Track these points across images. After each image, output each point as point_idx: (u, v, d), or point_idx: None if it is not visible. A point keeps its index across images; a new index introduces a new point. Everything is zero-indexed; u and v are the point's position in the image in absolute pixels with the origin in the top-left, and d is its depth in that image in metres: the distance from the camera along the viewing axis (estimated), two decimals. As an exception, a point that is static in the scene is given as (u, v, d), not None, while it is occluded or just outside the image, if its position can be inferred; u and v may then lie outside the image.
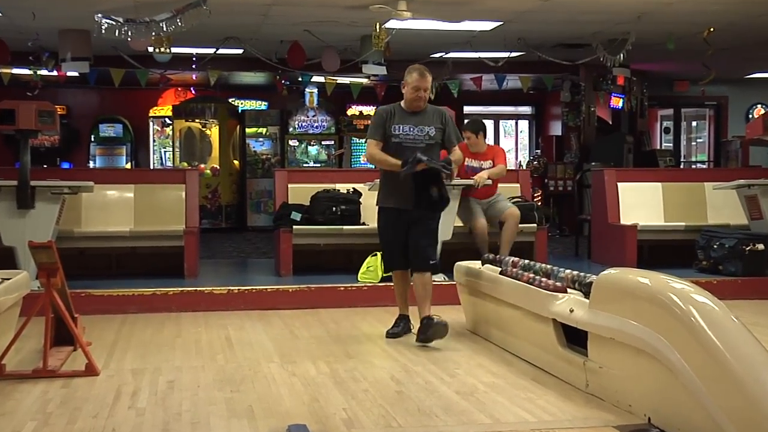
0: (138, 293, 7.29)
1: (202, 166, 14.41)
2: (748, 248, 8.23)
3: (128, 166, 15.68)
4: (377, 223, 6.02)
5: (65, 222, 7.92)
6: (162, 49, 9.88)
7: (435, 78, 13.08)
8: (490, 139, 17.84)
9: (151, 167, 15.80)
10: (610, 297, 4.28)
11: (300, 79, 13.13)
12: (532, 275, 5.38)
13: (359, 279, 7.94)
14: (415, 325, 5.94)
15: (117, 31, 8.46)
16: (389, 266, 6.06)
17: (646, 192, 9.56)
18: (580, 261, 10.01)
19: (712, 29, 10.11)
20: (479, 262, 6.30)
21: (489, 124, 17.68)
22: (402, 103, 5.86)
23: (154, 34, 8.49)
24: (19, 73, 12.05)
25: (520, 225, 8.59)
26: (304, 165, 14.86)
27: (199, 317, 6.99)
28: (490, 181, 8.19)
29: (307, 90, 14.89)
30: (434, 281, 6.17)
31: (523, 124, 18.03)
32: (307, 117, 15.08)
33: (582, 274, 5.05)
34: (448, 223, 7.87)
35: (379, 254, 7.98)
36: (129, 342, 6.01)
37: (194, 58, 11.95)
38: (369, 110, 15.62)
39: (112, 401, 4.43)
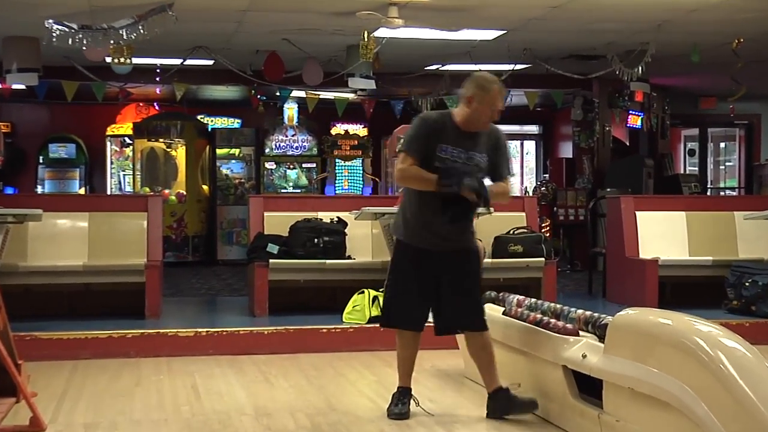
0: (92, 336, 7.25)
1: (167, 191, 14.40)
2: (783, 286, 8.26)
3: (82, 191, 15.65)
4: (392, 260, 5.32)
5: (9, 255, 7.87)
6: (121, 60, 9.90)
7: (430, 93, 13.33)
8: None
9: (108, 193, 15.77)
10: (628, 341, 4.28)
11: (278, 93, 13.18)
12: (539, 316, 5.38)
13: (344, 320, 7.91)
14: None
15: (70, 39, 8.48)
16: (396, 322, 5.23)
17: (668, 222, 9.59)
18: (594, 300, 10.02)
19: (741, 39, 10.20)
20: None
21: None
22: (457, 116, 5.09)
23: (112, 42, 8.51)
24: (-42, 87, 12.08)
25: (525, 260, 8.62)
26: (282, 191, 14.86)
27: (162, 363, 6.95)
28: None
29: (285, 106, 14.94)
30: (429, 322, 6.18)
31: (529, 146, 18.12)
32: (286, 136, 15.11)
33: (596, 314, 5.05)
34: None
35: (367, 292, 7.97)
36: (81, 392, 5.96)
37: (158, 70, 11.99)
38: (355, 129, 15.68)
39: (60, 460, 4.40)
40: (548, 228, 13.88)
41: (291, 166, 15.12)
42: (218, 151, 15.00)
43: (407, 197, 5.19)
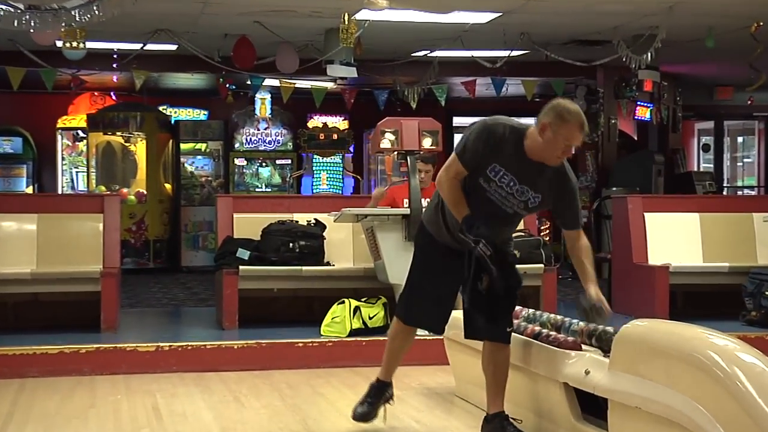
0: (41, 352, 7.21)
1: (125, 190, 14.37)
2: (807, 295, 8.31)
3: (29, 190, 15.59)
4: (415, 249, 5.23)
5: (-51, 261, 7.85)
6: (74, 44, 9.87)
7: (417, 82, 13.35)
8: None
9: (60, 192, 15.71)
10: (636, 356, 4.29)
11: (249, 82, 13.16)
12: (537, 328, 5.39)
13: (322, 333, 7.91)
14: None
15: (16, 21, 8.42)
16: (408, 317, 5.22)
17: (680, 224, 9.63)
18: (599, 310, 10.02)
19: (761, 23, 10.25)
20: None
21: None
22: (527, 139, 4.83)
23: (64, 24, 8.47)
24: None
25: (522, 266, 8.61)
26: (254, 190, 14.85)
27: (119, 381, 6.93)
28: None
29: (257, 96, 14.93)
30: (419, 336, 6.19)
31: (528, 140, 18.15)
32: (258, 130, 15.10)
33: (600, 327, 5.06)
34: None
35: (347, 302, 7.97)
36: (28, 414, 5.93)
37: (115, 56, 11.96)
38: (335, 122, 15.69)
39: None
40: (548, 231, 13.91)
41: (263, 163, 15.11)
42: (182, 146, 14.98)
43: (436, 196, 5.09)
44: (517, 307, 5.96)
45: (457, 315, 6.10)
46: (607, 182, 13.90)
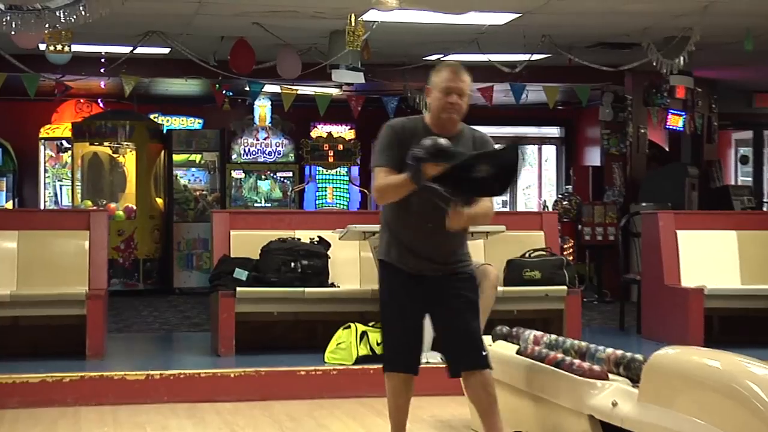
0: (21, 380, 7.21)
1: (113, 205, 14.40)
2: None
3: (9, 205, 15.63)
4: (380, 288, 5.38)
5: None
6: (59, 47, 9.90)
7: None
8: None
9: (42, 207, 15.74)
10: (668, 386, 4.28)
11: (247, 88, 13.19)
12: (560, 355, 5.38)
13: (326, 360, 7.90)
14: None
15: (-3, 23, 8.49)
16: (392, 364, 5.28)
17: (716, 243, 9.61)
18: (627, 336, 10.03)
19: (803, 25, 10.26)
20: (489, 337, 6.30)
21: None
22: (426, 118, 5.27)
23: (47, 26, 8.50)
24: None
25: (544, 288, 8.62)
26: (253, 205, 14.86)
27: (106, 413, 6.92)
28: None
29: (256, 104, 14.96)
30: (429, 363, 6.17)
31: (549, 151, 18.16)
32: (257, 140, 15.13)
33: (629, 354, 5.05)
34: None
35: (353, 326, 7.97)
36: (8, 447, 5.94)
37: (103, 60, 12.00)
38: (340, 131, 15.71)
39: None
40: (571, 250, 13.88)
41: (263, 176, 15.12)
42: (175, 157, 15.00)
43: (386, 212, 5.28)
44: (538, 333, 5.95)
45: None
46: (636, 197, 13.88)
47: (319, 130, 15.72)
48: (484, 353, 5.16)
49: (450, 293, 5.16)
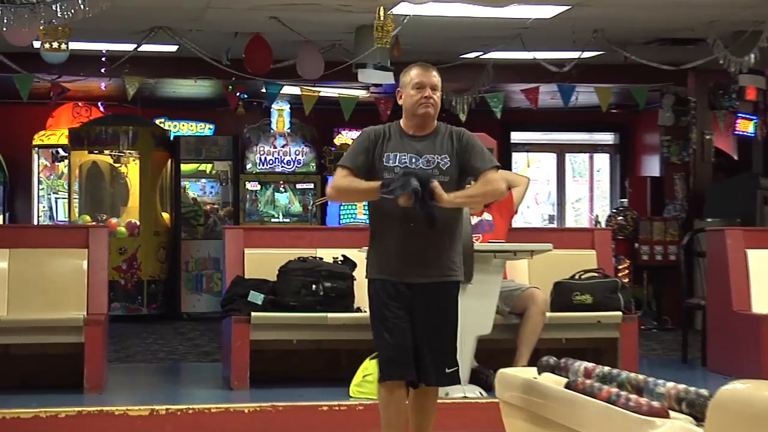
0: (12, 415, 7.23)
1: (114, 221, 14.46)
2: None
3: (0, 220, 15.70)
4: (369, 305, 5.93)
5: None
6: (55, 45, 9.97)
7: (467, 90, 13.37)
8: (551, 183, 17.94)
9: (36, 222, 15.82)
10: (737, 425, 4.26)
11: (264, 90, 13.25)
12: (615, 390, 5.36)
13: (352, 394, 7.89)
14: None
15: (-12, 18, 8.56)
16: (389, 373, 5.77)
17: (790, 264, 9.56)
18: (691, 369, 10.00)
19: None
20: (535, 369, 6.29)
21: (549, 158, 17.80)
22: (402, 121, 5.88)
23: (43, 21, 8.58)
24: None
25: (596, 314, 8.60)
26: (270, 220, 14.90)
27: (106, 452, 6.95)
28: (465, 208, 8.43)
29: (274, 107, 15.01)
30: (466, 398, 6.17)
31: (602, 160, 18.12)
32: (275, 148, 15.17)
33: (692, 389, 5.03)
34: (488, 309, 7.88)
35: (381, 357, 7.98)
36: (-3, 490, 5.97)
37: (104, 59, 12.07)
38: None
39: None
40: (627, 271, 13.83)
41: (281, 188, 15.16)
42: (183, 167, 15.06)
43: (370, 226, 5.87)
44: (590, 364, 5.93)
45: (510, 372, 6.12)
46: (701, 212, 13.82)
47: (344, 137, 15.76)
48: (448, 371, 5.73)
49: (433, 307, 5.70)
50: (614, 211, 15.08)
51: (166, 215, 15.01)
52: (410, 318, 5.69)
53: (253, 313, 8.31)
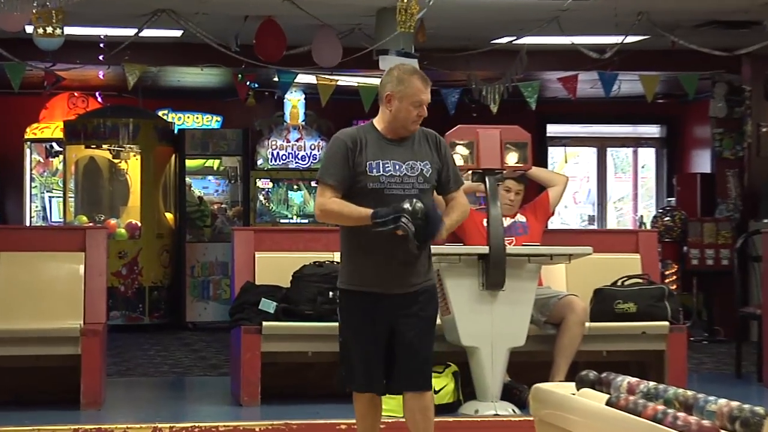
0: (3, 433, 7.29)
1: (113, 221, 14.49)
2: None
3: (-11, 221, 15.77)
4: (339, 315, 6.16)
5: None
6: (49, 30, 10.00)
7: (499, 78, 13.34)
8: (590, 180, 17.91)
9: (28, 224, 15.86)
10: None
11: (276, 79, 13.26)
12: (661, 408, 5.35)
13: (372, 412, 7.92)
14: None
15: (-25, 1, 8.60)
16: (353, 383, 6.11)
17: None
18: (745, 384, 9.94)
19: None
20: (573, 384, 6.29)
21: (589, 153, 17.76)
22: (377, 124, 6.09)
23: (36, 4, 8.62)
24: None
25: (640, 324, 8.58)
26: (282, 221, 14.91)
27: (104, 474, 6.96)
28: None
29: (287, 98, 15.02)
30: (498, 415, 6.16)
31: (647, 155, 18.08)
32: (288, 142, 15.18)
33: (747, 406, 5.02)
34: (522, 319, 7.88)
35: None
36: None
37: (102, 45, 12.10)
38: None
39: None
40: (675, 277, 13.80)
41: (295, 186, 15.17)
42: (188, 163, 15.07)
43: (343, 232, 6.04)
44: (633, 379, 5.93)
45: (546, 388, 6.12)
46: (756, 212, 13.77)
47: (364, 130, 15.75)
48: (430, 374, 6.03)
49: (409, 311, 5.93)
50: (660, 211, 15.05)
51: (169, 216, 15.03)
52: (390, 326, 5.94)
53: (264, 323, 8.33)
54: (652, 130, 17.87)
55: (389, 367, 6.00)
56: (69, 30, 10.32)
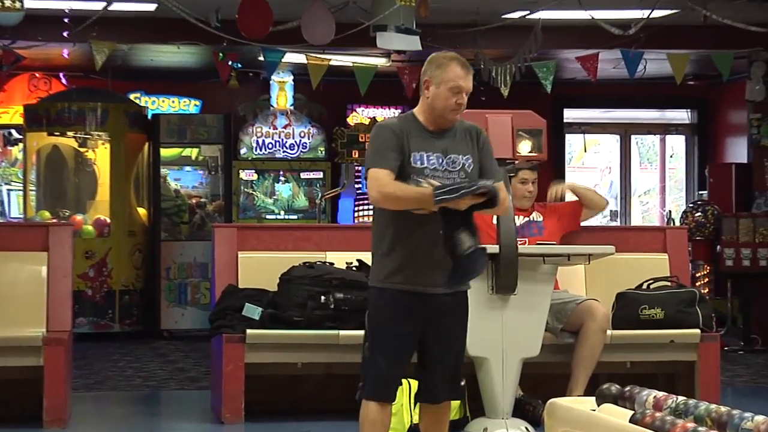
0: (-44, 454, 7.30)
1: (79, 217, 14.49)
2: None
3: (-59, 217, 15.77)
4: (368, 314, 6.31)
5: None
6: (8, 3, 9.99)
7: (510, 57, 13.32)
8: (612, 171, 17.91)
9: (-16, 220, 15.87)
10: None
11: (261, 58, 13.27)
12: (692, 425, 5.37)
13: (369, 430, 7.93)
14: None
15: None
16: (378, 392, 6.19)
17: None
18: (785, 399, 9.98)
19: None
20: (593, 398, 6.30)
21: (611, 141, 17.78)
22: (419, 114, 6.27)
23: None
24: None
25: (670, 332, 8.59)
26: (268, 217, 14.91)
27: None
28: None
29: (274, 79, 15.02)
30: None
31: (676, 143, 18.08)
32: (275, 128, 15.19)
33: (785, 423, 5.03)
34: (536, 326, 7.89)
35: (406, 383, 7.95)
36: None
37: (66, 20, 12.10)
38: (387, 116, 15.72)
39: None
40: (707, 280, 13.81)
41: (282, 177, 15.18)
42: (164, 152, 15.08)
43: (378, 227, 6.24)
44: (660, 394, 5.94)
45: (563, 403, 6.14)
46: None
47: (360, 115, 15.75)
48: (462, 383, 6.46)
49: (448, 312, 6.15)
50: (691, 205, 15.06)
51: (142, 211, 15.03)
52: (421, 333, 6.13)
53: (248, 331, 8.33)
54: (682, 116, 17.86)
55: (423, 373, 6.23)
56: (29, 3, 10.32)
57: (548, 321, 8.18)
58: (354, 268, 8.69)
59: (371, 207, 12.93)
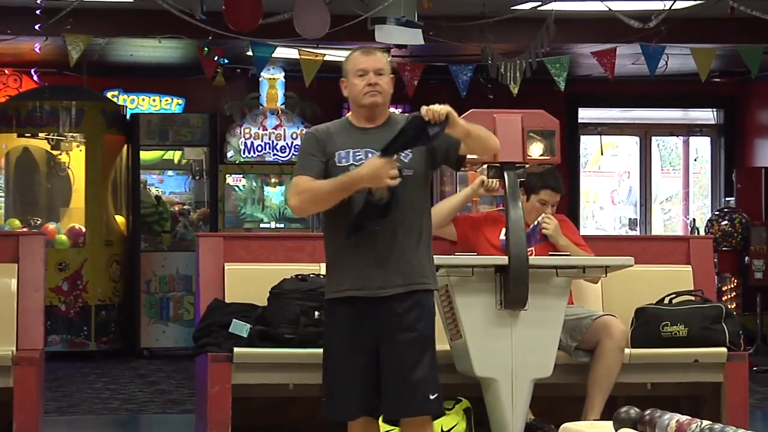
0: None
1: (52, 226, 14.50)
2: None
3: None
4: (324, 333, 6.57)
5: None
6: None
7: (520, 52, 13.34)
8: (632, 175, 17.92)
9: (-51, 229, 15.89)
10: None
11: (250, 53, 13.29)
12: (717, 451, 5.39)
13: (367, 457, 7.94)
14: None
15: None
16: (337, 412, 6.41)
17: None
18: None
19: None
20: (610, 423, 6.32)
21: (630, 143, 17.80)
22: (349, 115, 6.70)
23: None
24: None
25: (694, 350, 8.60)
26: (258, 226, 14.91)
27: None
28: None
29: (264, 76, 15.03)
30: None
31: (701, 145, 18.11)
32: (265, 129, 15.20)
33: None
34: (548, 344, 7.91)
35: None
36: None
37: (39, 12, 12.11)
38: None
39: None
40: (734, 294, 13.83)
41: (272, 182, 15.19)
42: (144, 155, 15.10)
43: (325, 241, 6.49)
44: (683, 417, 5.96)
45: (578, 428, 6.16)
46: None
47: (357, 115, 15.77)
48: (432, 396, 6.27)
49: (401, 326, 6.27)
50: (717, 213, 15.09)
51: (120, 219, 15.05)
52: (375, 342, 6.28)
53: (235, 349, 8.34)
54: (707, 115, 17.89)
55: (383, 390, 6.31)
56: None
57: (561, 339, 8.18)
58: (350, 281, 8.69)
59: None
